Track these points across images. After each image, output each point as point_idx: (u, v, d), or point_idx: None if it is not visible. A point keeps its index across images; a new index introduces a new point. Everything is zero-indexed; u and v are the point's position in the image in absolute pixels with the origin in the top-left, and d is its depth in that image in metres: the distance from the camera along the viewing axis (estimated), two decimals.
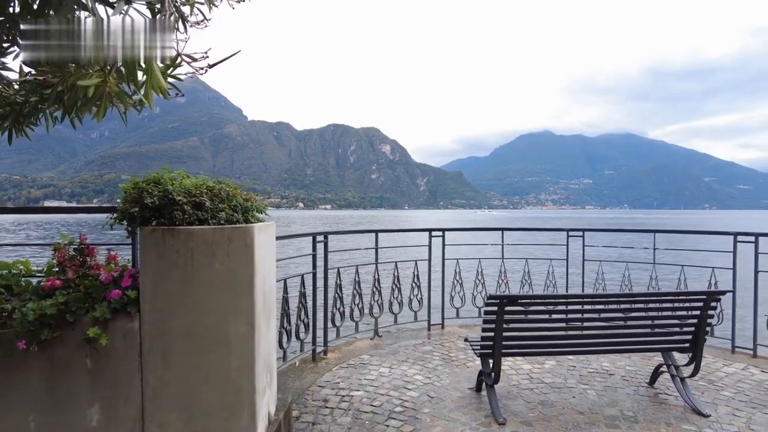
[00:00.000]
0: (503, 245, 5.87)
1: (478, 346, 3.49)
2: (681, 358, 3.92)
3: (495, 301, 3.21)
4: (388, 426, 3.19)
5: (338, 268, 4.89)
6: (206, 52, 1.58)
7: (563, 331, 3.55)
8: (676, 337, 3.54)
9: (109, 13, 1.40)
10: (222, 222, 2.41)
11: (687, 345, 3.49)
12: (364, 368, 4.31)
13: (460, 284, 5.78)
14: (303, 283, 4.37)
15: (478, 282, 5.83)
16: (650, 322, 3.56)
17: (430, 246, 5.64)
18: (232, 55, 1.62)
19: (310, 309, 4.45)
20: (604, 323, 3.50)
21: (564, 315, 3.64)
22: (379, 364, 4.41)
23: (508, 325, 3.32)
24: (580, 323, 3.58)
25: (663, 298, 3.69)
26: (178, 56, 1.64)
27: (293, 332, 4.20)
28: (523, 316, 3.40)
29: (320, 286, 4.62)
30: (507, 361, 4.36)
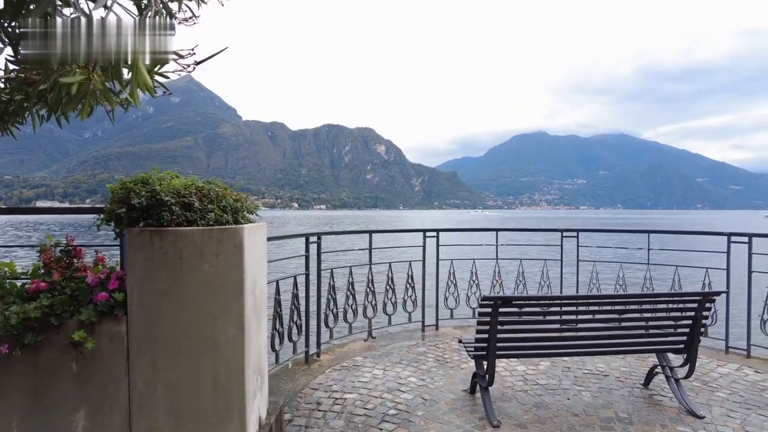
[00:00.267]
0: (497, 246, 5.85)
1: (472, 348, 3.46)
2: (675, 359, 3.91)
3: (489, 302, 3.18)
4: (381, 429, 3.15)
5: (332, 269, 4.85)
6: (193, 49, 1.54)
7: (558, 333, 3.53)
8: (671, 338, 3.53)
9: (91, 7, 1.35)
10: (211, 223, 2.36)
11: (682, 346, 3.47)
12: (358, 370, 4.27)
13: (455, 285, 5.76)
14: (296, 285, 4.32)
15: (472, 283, 5.81)
16: (645, 323, 3.55)
17: (424, 246, 5.61)
18: (220, 52, 1.58)
19: (303, 310, 4.40)
20: (598, 324, 3.48)
21: (558, 316, 3.62)
22: (372, 366, 4.37)
23: (503, 326, 3.29)
24: (574, 324, 3.56)
25: (657, 299, 3.68)
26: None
27: (286, 334, 4.16)
28: (517, 317, 3.37)
29: (313, 288, 4.57)
30: (501, 363, 4.33)
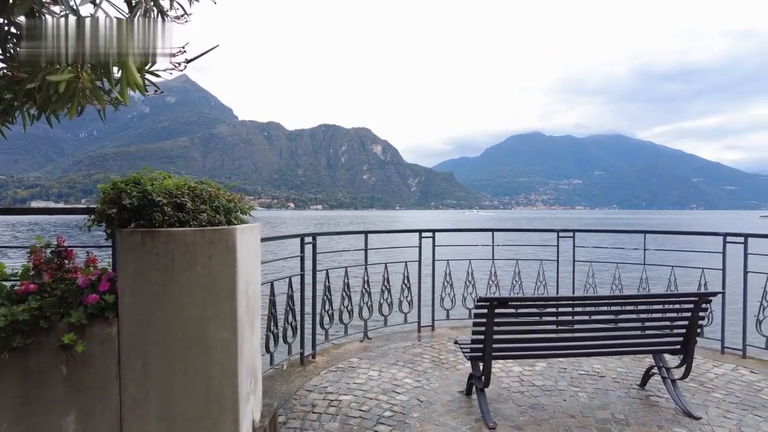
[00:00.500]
0: (494, 246, 5.84)
1: (468, 349, 3.44)
2: (672, 360, 3.90)
3: (485, 303, 3.16)
4: (376, 431, 3.13)
5: (327, 269, 4.82)
6: (183, 47, 1.51)
7: (554, 334, 3.51)
8: (667, 339, 3.51)
9: (78, 2, 1.32)
10: (204, 223, 2.33)
11: (678, 347, 3.46)
12: (353, 372, 4.24)
13: (451, 285, 5.73)
14: (291, 286, 4.29)
15: (468, 283, 5.79)
16: (641, 324, 3.53)
17: (420, 247, 5.58)
18: (211, 50, 1.55)
19: (298, 312, 4.37)
20: (595, 325, 3.47)
21: (555, 317, 3.60)
22: (368, 368, 4.34)
23: (499, 327, 3.27)
24: (570, 325, 3.54)
25: (654, 299, 3.66)
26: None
27: (281, 335, 4.12)
28: (513, 318, 3.35)
29: (309, 289, 4.54)
30: (497, 363, 4.31)
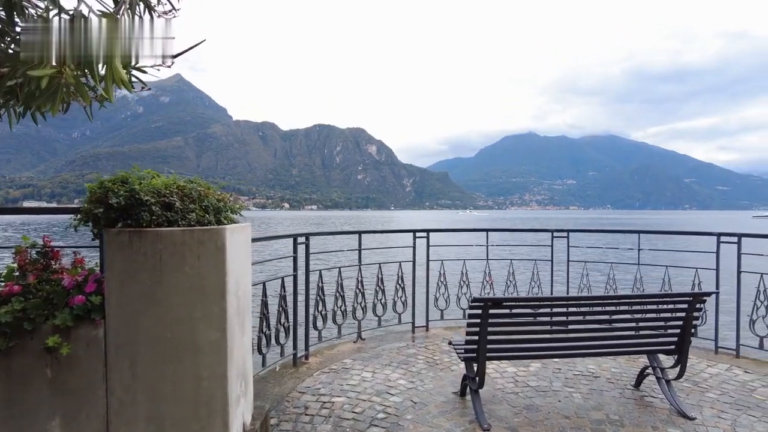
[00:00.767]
0: (488, 246, 5.82)
1: (462, 350, 3.41)
2: (666, 360, 3.89)
3: (479, 303, 3.13)
4: None
5: (320, 270, 4.78)
6: (168, 38, 1.47)
7: (548, 334, 3.49)
8: (662, 339, 3.50)
9: None
10: (192, 223, 2.29)
11: (672, 347, 3.44)
12: (347, 373, 4.20)
13: (445, 286, 5.71)
14: (283, 286, 4.25)
15: (462, 283, 5.76)
16: (635, 324, 3.52)
17: (414, 247, 5.55)
18: (197, 45, 1.51)
19: (291, 312, 4.33)
20: (589, 326, 3.45)
21: (549, 317, 3.58)
22: (361, 369, 4.31)
23: (493, 328, 3.24)
24: (565, 326, 3.52)
25: (648, 299, 3.65)
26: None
27: (273, 336, 4.08)
28: (507, 318, 3.32)
29: (302, 289, 4.50)
30: (491, 364, 4.29)
